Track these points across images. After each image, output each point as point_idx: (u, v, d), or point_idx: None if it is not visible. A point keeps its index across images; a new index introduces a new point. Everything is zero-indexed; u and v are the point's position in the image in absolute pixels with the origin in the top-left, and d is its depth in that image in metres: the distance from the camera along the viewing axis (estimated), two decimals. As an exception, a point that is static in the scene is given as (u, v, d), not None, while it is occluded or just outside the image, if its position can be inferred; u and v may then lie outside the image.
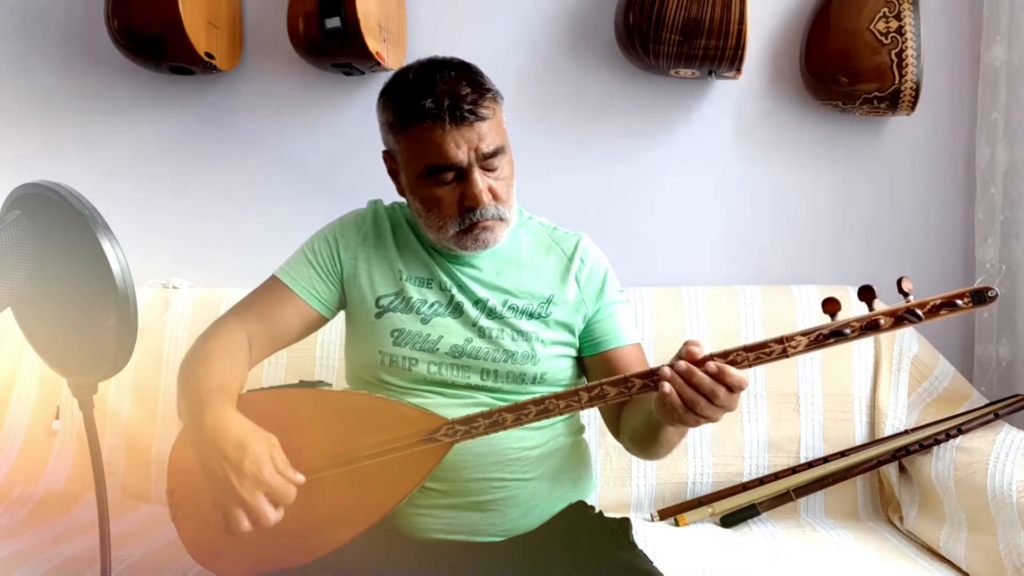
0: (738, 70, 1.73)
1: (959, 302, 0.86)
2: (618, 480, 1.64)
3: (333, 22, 1.67)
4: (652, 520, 1.61)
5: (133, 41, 1.78)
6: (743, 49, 1.66)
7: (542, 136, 1.92)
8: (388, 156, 1.20)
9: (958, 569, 1.35)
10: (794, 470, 1.61)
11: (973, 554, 1.32)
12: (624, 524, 1.24)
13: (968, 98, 1.84)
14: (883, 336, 1.67)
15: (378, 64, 1.76)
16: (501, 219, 1.15)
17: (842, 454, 1.61)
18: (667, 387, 0.94)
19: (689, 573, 1.33)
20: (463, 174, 1.11)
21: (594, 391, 0.99)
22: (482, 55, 1.90)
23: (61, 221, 0.90)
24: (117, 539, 1.46)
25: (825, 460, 1.61)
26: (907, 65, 1.67)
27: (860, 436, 1.64)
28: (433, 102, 1.07)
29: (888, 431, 1.62)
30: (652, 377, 0.96)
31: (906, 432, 1.59)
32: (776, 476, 1.61)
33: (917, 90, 1.69)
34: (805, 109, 1.87)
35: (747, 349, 0.94)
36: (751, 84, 1.87)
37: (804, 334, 0.92)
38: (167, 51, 1.78)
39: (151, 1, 1.73)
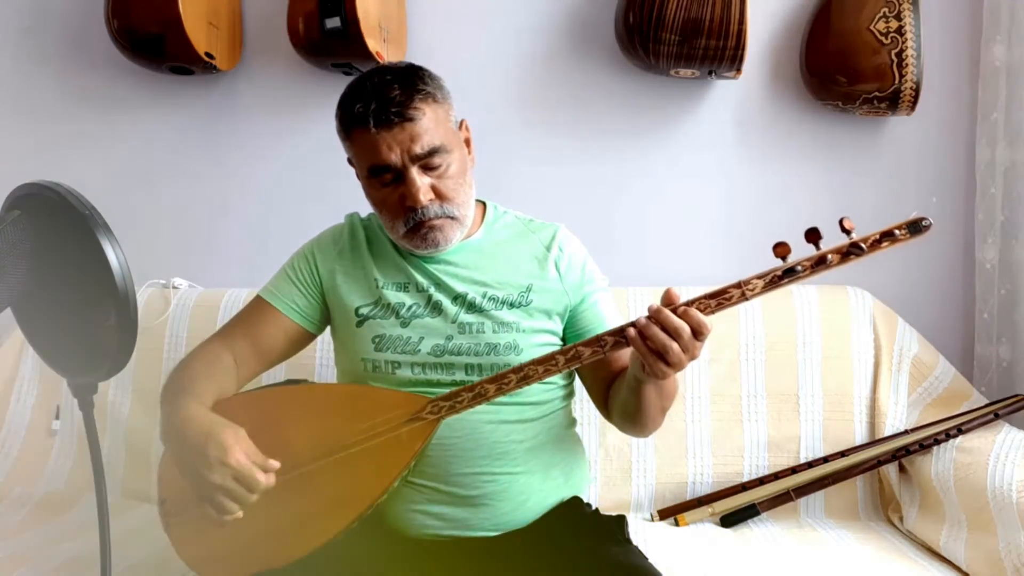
0: (738, 70, 1.73)
1: (896, 232, 0.93)
2: (618, 480, 1.64)
3: (333, 22, 1.67)
4: (652, 520, 1.61)
5: (133, 41, 1.78)
6: (743, 49, 1.66)
7: (541, 136, 1.92)
8: (351, 163, 1.22)
9: (958, 569, 1.35)
10: (794, 470, 1.61)
11: (973, 554, 1.32)
12: (619, 521, 1.25)
13: (968, 98, 1.84)
14: (883, 336, 1.67)
15: (378, 64, 1.76)
16: (450, 217, 1.16)
17: (842, 454, 1.61)
18: (632, 331, 0.97)
19: (689, 573, 1.33)
20: (401, 175, 1.12)
21: (569, 353, 1.02)
22: (482, 55, 1.92)
23: (61, 221, 0.90)
24: (117, 539, 1.46)
25: (825, 460, 1.61)
26: (907, 65, 1.67)
27: (860, 436, 1.64)
28: (362, 107, 1.10)
29: (888, 431, 1.62)
30: (623, 334, 0.99)
31: (906, 432, 1.59)
32: (776, 476, 1.61)
33: (917, 90, 1.69)
34: (805, 109, 1.87)
35: (709, 296, 0.99)
36: (751, 84, 1.87)
37: (759, 276, 0.98)
38: (167, 51, 1.78)
39: (151, 1, 1.73)
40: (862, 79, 1.70)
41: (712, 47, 1.67)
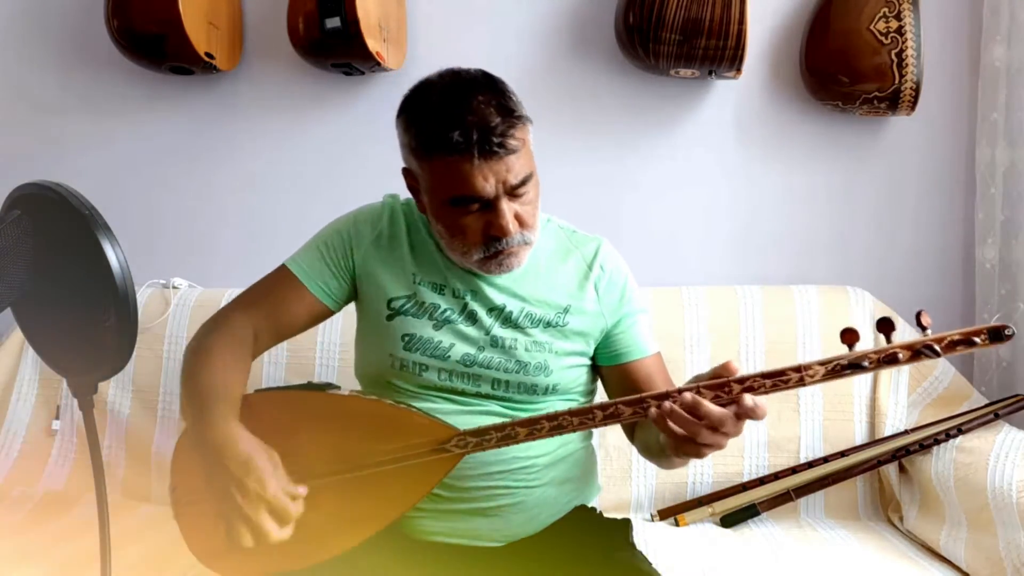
0: (738, 70, 1.72)
1: (976, 339, 0.87)
2: (618, 480, 1.64)
3: (333, 22, 1.67)
4: (652, 520, 1.61)
5: (133, 41, 1.78)
6: (743, 49, 1.66)
7: (541, 136, 1.88)
8: (408, 174, 1.14)
9: (958, 569, 1.35)
10: (794, 470, 1.61)
11: (973, 554, 1.32)
12: (624, 525, 1.24)
13: (968, 98, 1.84)
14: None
15: (378, 64, 1.76)
16: (526, 243, 1.12)
17: (842, 454, 1.61)
18: (653, 412, 0.90)
19: (689, 573, 1.33)
20: (489, 204, 1.06)
21: (608, 410, 0.97)
22: (482, 55, 1.92)
23: (61, 221, 0.89)
24: (117, 539, 1.46)
25: (825, 460, 1.61)
26: (907, 65, 1.67)
27: (860, 436, 1.64)
28: (461, 135, 1.01)
29: (888, 431, 1.62)
30: (666, 399, 0.93)
31: (906, 432, 1.59)
32: (776, 476, 1.61)
33: (917, 90, 1.69)
34: (805, 109, 1.87)
35: (764, 375, 0.91)
36: (751, 84, 1.87)
37: (822, 364, 0.91)
38: (167, 51, 1.78)
39: (151, 1, 1.73)
40: (862, 79, 1.70)
41: (712, 47, 1.66)
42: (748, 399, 0.88)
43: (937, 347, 0.88)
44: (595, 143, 1.91)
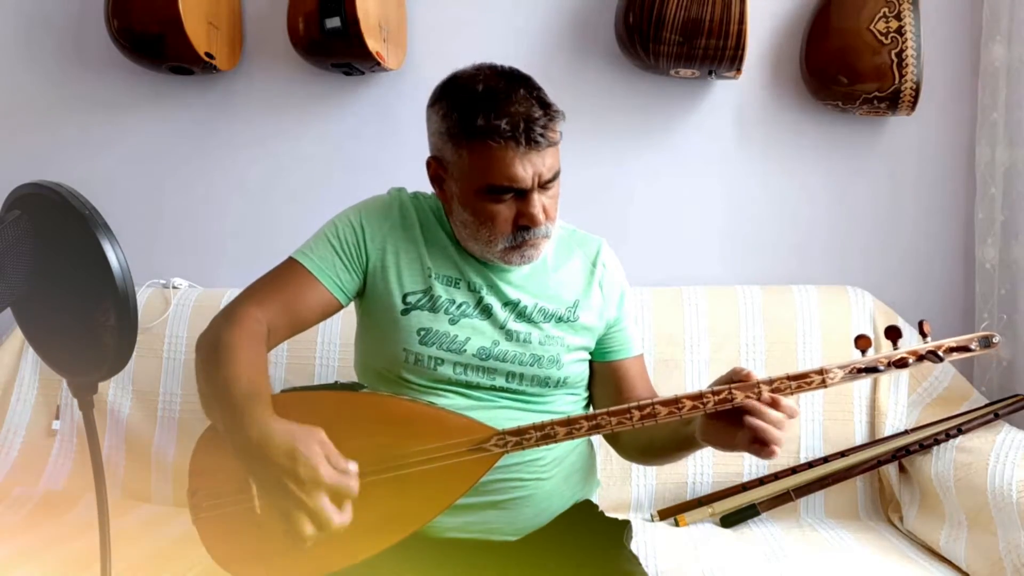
0: (738, 70, 1.72)
1: (971, 346, 1.04)
2: (618, 480, 1.64)
3: (333, 22, 1.67)
4: (652, 520, 1.61)
5: (133, 41, 1.78)
6: (743, 49, 1.66)
7: (542, 136, 1.92)
8: (436, 162, 1.15)
9: (958, 569, 1.35)
10: (794, 470, 1.61)
11: (973, 554, 1.32)
12: (622, 526, 1.25)
13: (968, 98, 1.84)
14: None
15: (378, 64, 1.76)
16: (547, 236, 1.14)
17: (842, 454, 1.61)
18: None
19: (689, 573, 1.33)
20: (523, 193, 1.09)
21: (646, 410, 1.00)
22: (482, 56, 1.89)
23: (61, 221, 0.90)
24: (117, 539, 1.46)
25: (825, 460, 1.61)
26: (907, 65, 1.67)
27: (860, 436, 1.64)
28: (508, 124, 1.05)
29: (888, 431, 1.62)
30: (701, 400, 0.98)
31: (906, 432, 1.59)
32: (776, 476, 1.61)
33: (917, 90, 1.69)
34: (805, 109, 1.87)
35: (790, 377, 0.99)
36: (751, 84, 1.87)
37: (841, 367, 1.00)
38: (167, 51, 1.78)
39: (151, 1, 1.73)
40: (862, 79, 1.70)
41: (712, 47, 1.66)
42: (787, 404, 0.97)
43: (940, 352, 1.02)
44: (595, 143, 1.91)
